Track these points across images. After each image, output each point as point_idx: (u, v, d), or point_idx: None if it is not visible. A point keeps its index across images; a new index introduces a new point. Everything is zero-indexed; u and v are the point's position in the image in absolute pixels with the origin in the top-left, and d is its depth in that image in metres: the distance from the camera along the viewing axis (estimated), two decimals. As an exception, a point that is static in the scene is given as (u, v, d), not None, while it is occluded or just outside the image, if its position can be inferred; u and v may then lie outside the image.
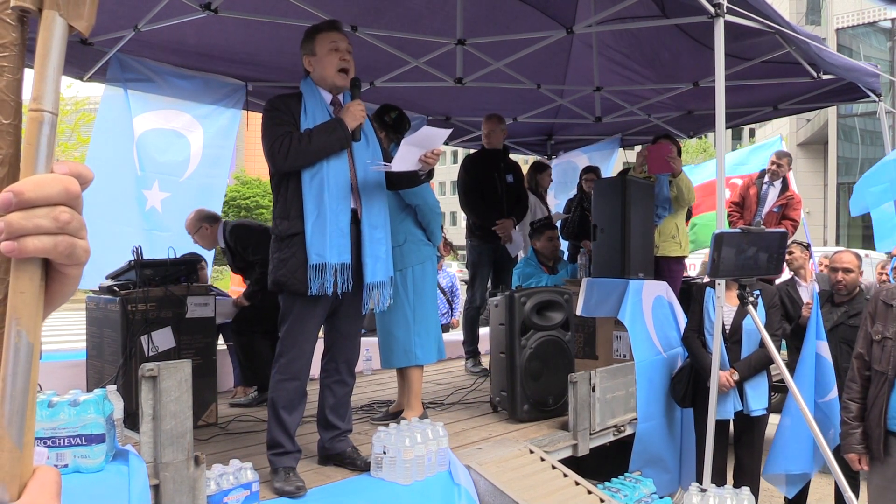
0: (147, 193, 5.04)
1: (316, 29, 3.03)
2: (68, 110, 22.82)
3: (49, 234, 0.53)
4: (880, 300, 3.06)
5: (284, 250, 2.86)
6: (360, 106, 2.94)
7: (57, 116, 0.57)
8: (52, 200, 0.53)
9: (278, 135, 2.83)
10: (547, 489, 3.06)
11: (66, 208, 0.54)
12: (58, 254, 0.54)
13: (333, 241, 2.83)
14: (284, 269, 2.84)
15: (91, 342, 3.87)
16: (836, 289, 4.41)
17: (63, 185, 0.54)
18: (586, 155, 7.85)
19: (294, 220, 2.86)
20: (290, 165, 2.83)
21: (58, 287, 0.57)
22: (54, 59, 0.57)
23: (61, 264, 0.55)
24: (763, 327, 3.14)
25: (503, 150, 5.61)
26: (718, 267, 2.71)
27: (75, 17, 0.57)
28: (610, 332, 4.75)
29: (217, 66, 5.22)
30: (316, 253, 2.81)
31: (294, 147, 2.79)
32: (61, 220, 0.53)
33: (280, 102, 2.95)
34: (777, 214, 5.93)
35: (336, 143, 2.86)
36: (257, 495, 2.56)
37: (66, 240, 0.54)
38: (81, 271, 0.58)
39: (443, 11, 4.95)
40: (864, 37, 21.93)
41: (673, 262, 5.25)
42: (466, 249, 5.76)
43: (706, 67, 5.22)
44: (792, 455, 4.07)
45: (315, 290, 2.79)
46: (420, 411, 3.79)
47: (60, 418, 2.19)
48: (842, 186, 22.61)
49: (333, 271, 2.82)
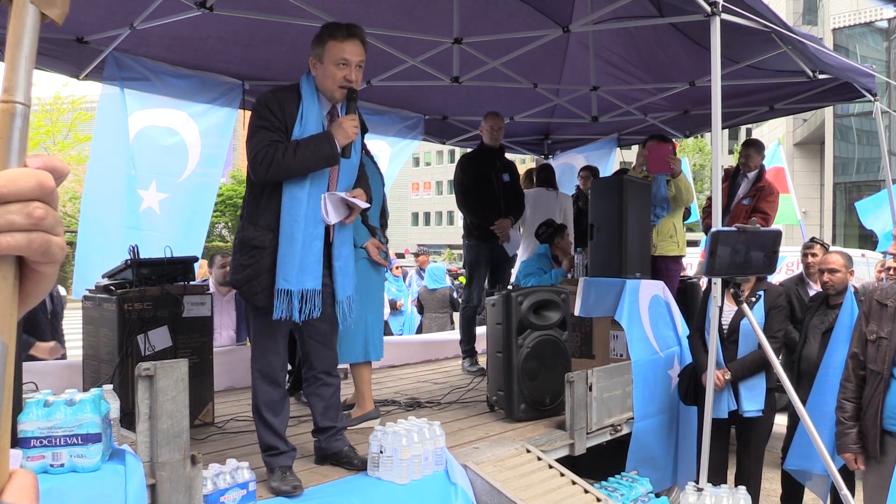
0: (143, 193, 5.01)
1: (330, 33, 2.84)
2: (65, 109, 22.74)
3: (23, 230, 0.51)
4: (874, 300, 3.07)
5: (245, 256, 2.77)
6: (354, 122, 2.80)
7: (30, 108, 0.55)
8: (25, 196, 0.51)
9: (264, 142, 2.69)
10: (544, 488, 3.06)
11: (40, 204, 0.52)
12: (32, 251, 0.52)
13: (305, 268, 2.73)
14: (242, 276, 2.77)
15: (87, 341, 3.86)
16: (824, 289, 4.43)
17: (37, 180, 0.52)
18: (583, 155, 7.86)
19: (262, 232, 2.74)
20: (270, 178, 2.70)
21: (32, 286, 0.55)
22: (26, 48, 0.54)
23: (36, 262, 0.53)
24: (759, 328, 3.14)
25: (500, 149, 5.61)
26: (714, 266, 2.71)
27: (47, 4, 0.55)
28: (607, 331, 4.76)
29: (213, 64, 5.21)
30: (283, 278, 2.70)
31: (277, 160, 2.65)
32: (35, 216, 0.51)
33: (275, 102, 2.77)
34: (747, 207, 5.75)
35: (321, 160, 2.72)
36: (254, 495, 2.55)
37: (40, 236, 0.52)
38: (57, 269, 0.56)
39: (439, 9, 4.95)
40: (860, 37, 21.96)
41: (670, 262, 5.26)
42: (464, 249, 5.76)
43: (702, 67, 5.22)
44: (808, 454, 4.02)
45: (278, 315, 2.69)
46: (368, 408, 3.81)
47: (57, 418, 2.18)
48: (838, 186, 22.64)
49: (301, 297, 2.71)
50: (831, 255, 4.47)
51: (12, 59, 0.54)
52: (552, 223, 5.77)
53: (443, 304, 9.30)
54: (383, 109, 6.44)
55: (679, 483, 4.32)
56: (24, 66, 0.54)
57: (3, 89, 0.54)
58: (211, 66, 5.23)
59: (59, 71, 4.91)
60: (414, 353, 6.25)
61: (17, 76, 0.54)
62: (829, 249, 5.27)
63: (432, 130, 7.21)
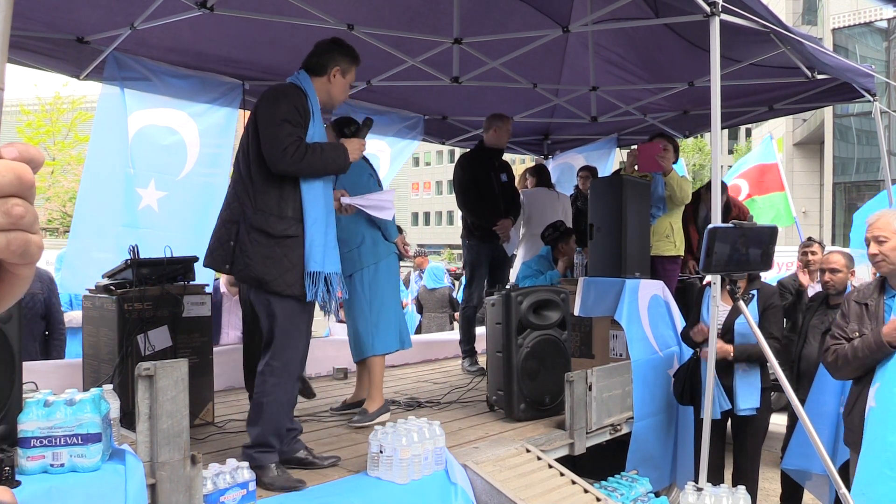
0: (142, 192, 5.01)
1: (356, 57, 3.15)
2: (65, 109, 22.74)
3: (0, 230, 0.46)
4: (853, 301, 3.08)
5: (277, 248, 2.84)
6: (363, 146, 3.16)
7: (3, 91, 0.50)
8: (3, 191, 0.46)
9: (293, 137, 2.84)
10: (543, 488, 3.07)
11: (19, 200, 0.47)
12: (10, 253, 0.47)
13: (329, 252, 2.92)
14: (276, 269, 2.82)
15: (87, 341, 3.86)
16: (825, 289, 4.42)
17: (16, 174, 0.47)
18: (583, 155, 7.86)
19: (292, 223, 2.86)
20: (292, 171, 2.85)
21: (6, 289, 0.50)
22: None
23: (12, 264, 0.48)
24: (755, 324, 3.13)
25: (499, 150, 5.61)
26: (711, 263, 2.70)
27: None
28: (606, 331, 4.76)
29: (213, 64, 5.21)
30: (314, 261, 2.86)
31: (308, 158, 2.84)
32: (14, 215, 0.46)
33: (297, 99, 2.92)
34: None
35: (337, 168, 3.00)
36: (253, 495, 2.56)
37: (19, 236, 0.47)
38: (34, 270, 0.51)
39: (439, 9, 4.95)
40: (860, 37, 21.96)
41: (667, 262, 5.25)
42: (463, 249, 5.76)
43: (702, 68, 5.22)
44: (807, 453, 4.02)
45: (311, 297, 2.85)
46: (381, 402, 3.83)
47: (57, 417, 2.18)
48: (838, 186, 22.65)
49: (325, 280, 2.89)
50: (832, 255, 4.46)
51: None
52: (561, 226, 5.72)
53: (442, 303, 9.30)
54: (383, 109, 6.44)
55: (678, 482, 4.33)
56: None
57: None
58: (211, 67, 5.23)
59: (60, 71, 4.91)
60: (413, 353, 6.23)
61: None
62: (825, 248, 5.29)
63: (432, 130, 7.21)
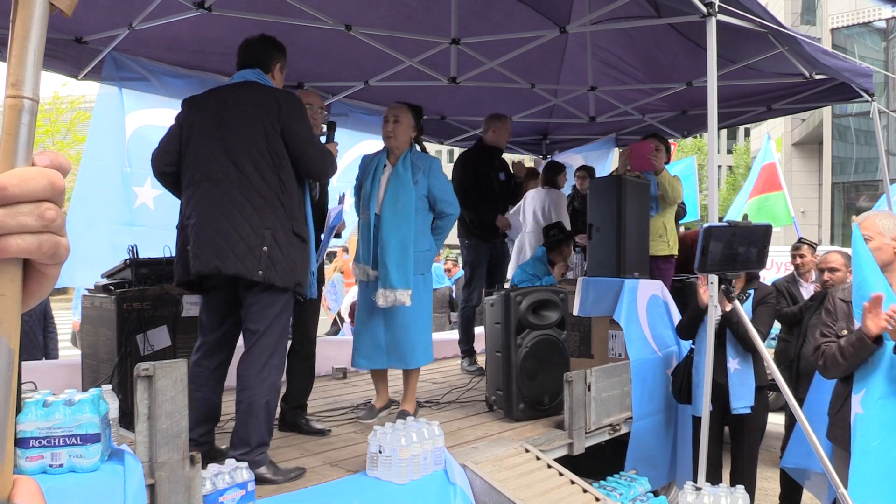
0: (138, 190, 5.02)
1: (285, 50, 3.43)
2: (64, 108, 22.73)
3: (33, 232, 0.49)
4: (838, 298, 3.07)
5: (303, 252, 2.94)
6: (336, 150, 3.51)
7: (38, 103, 0.52)
8: (36, 196, 0.49)
9: None
10: (542, 488, 3.07)
11: (51, 205, 0.50)
12: (41, 254, 0.50)
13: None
14: (305, 273, 2.93)
15: (86, 341, 3.86)
16: (825, 288, 4.42)
17: (49, 180, 0.50)
18: (581, 155, 7.86)
19: (303, 226, 2.99)
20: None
21: (35, 287, 0.53)
22: (34, 40, 0.51)
23: (42, 264, 0.51)
24: (749, 324, 3.13)
25: (498, 149, 5.61)
26: (706, 261, 2.70)
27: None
28: (605, 330, 4.76)
29: (212, 64, 5.21)
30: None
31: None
32: (47, 218, 0.50)
33: None
34: None
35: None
36: (252, 495, 2.55)
37: (50, 238, 0.50)
38: (60, 270, 0.54)
39: (437, 10, 4.95)
40: (858, 37, 21.99)
41: (661, 262, 5.25)
42: (463, 248, 5.74)
43: (700, 68, 5.22)
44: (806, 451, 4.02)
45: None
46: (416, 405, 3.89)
47: (56, 418, 2.18)
48: (836, 186, 22.69)
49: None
50: (831, 255, 4.46)
51: (20, 52, 0.51)
52: (564, 229, 5.70)
53: (441, 303, 9.31)
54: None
55: (677, 481, 4.33)
56: (33, 60, 0.51)
57: (10, 83, 0.51)
58: (209, 67, 5.23)
59: (58, 71, 4.91)
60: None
61: (25, 70, 0.51)
62: (815, 249, 5.29)
63: (430, 131, 7.20)
